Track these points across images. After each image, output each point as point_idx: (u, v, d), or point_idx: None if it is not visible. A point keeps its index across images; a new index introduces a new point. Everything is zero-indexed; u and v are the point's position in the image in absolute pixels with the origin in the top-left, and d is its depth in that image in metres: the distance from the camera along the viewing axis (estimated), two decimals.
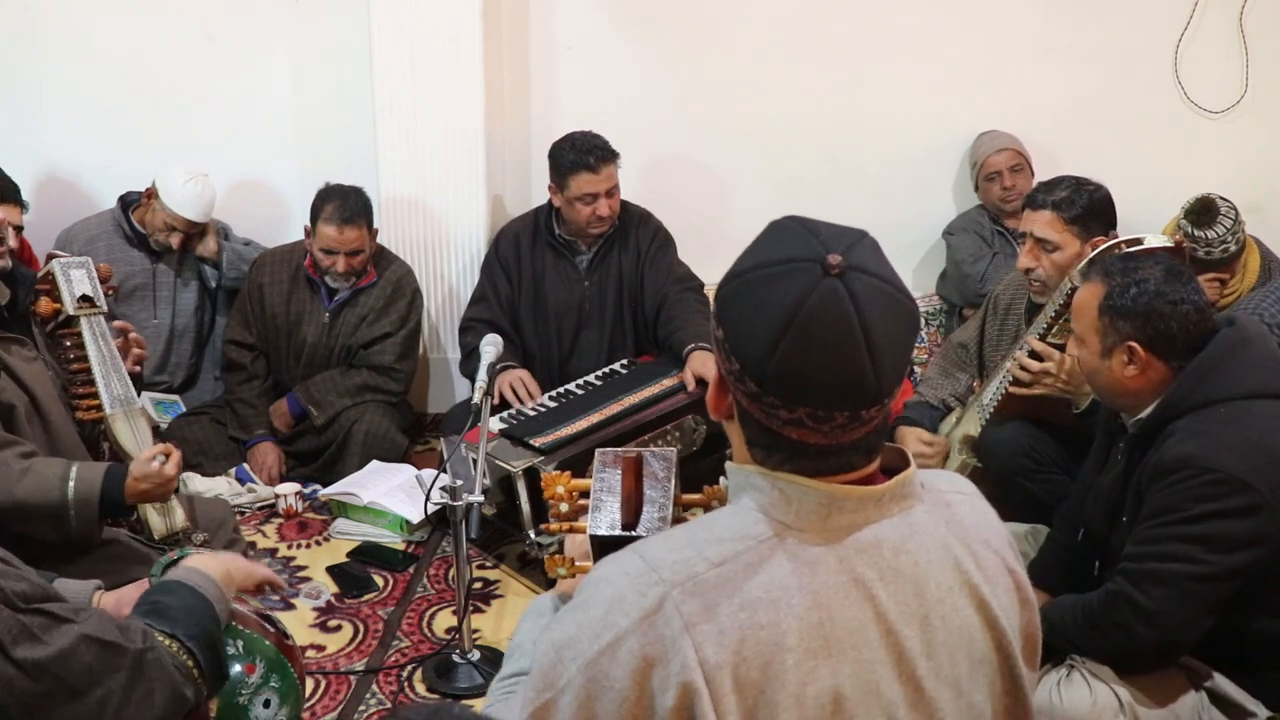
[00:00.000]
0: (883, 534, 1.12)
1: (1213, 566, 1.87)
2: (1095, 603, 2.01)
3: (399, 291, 3.58)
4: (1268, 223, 3.75)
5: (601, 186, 3.40)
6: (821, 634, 1.07)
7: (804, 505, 1.10)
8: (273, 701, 1.76)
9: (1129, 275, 2.02)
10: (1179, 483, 1.90)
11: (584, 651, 1.07)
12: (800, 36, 3.95)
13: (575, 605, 1.12)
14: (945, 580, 1.13)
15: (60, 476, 2.24)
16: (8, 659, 1.37)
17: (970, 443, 2.88)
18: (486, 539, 3.09)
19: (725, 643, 1.04)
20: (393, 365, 3.55)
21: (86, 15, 3.74)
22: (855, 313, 1.04)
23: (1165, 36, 3.98)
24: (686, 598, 1.05)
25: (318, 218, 3.41)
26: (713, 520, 1.14)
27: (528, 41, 3.89)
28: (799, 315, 1.04)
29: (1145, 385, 2.03)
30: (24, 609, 1.41)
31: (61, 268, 2.58)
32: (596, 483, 1.48)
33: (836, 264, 1.05)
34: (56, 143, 3.83)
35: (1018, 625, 1.19)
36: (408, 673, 2.60)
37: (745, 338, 1.08)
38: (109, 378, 2.54)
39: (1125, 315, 2.01)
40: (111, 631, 1.48)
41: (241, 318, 3.59)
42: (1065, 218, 2.69)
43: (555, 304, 3.56)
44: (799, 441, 1.09)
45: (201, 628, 1.62)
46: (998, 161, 3.86)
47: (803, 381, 1.06)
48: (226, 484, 3.36)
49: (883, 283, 1.07)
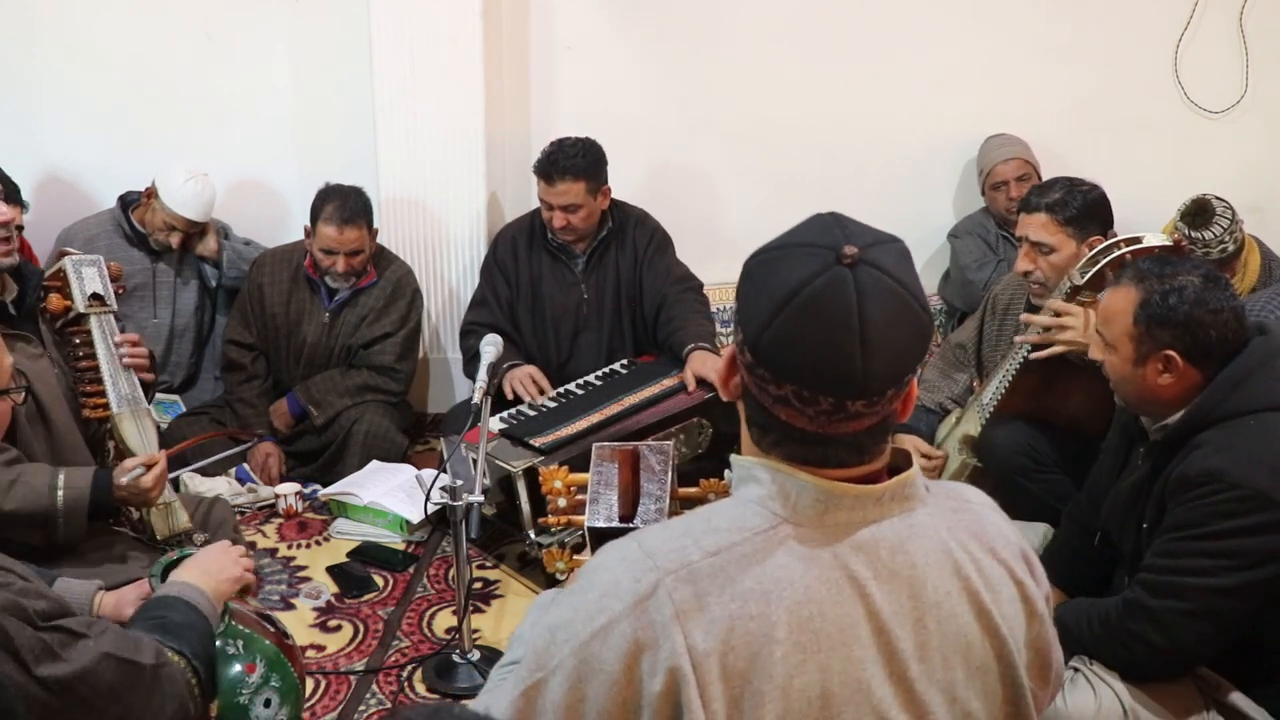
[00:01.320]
0: (880, 534, 1.12)
1: (1235, 581, 1.85)
2: (1112, 611, 1.99)
3: (399, 292, 3.58)
4: (1267, 223, 3.75)
5: (554, 199, 3.38)
6: (811, 629, 1.07)
7: (802, 500, 1.10)
8: (273, 701, 1.77)
9: (1166, 281, 1.95)
10: (1205, 497, 1.87)
11: (577, 634, 1.09)
12: (800, 36, 3.95)
13: (572, 589, 1.14)
14: (943, 584, 1.13)
15: (49, 485, 2.23)
16: (31, 677, 1.38)
17: (970, 443, 2.88)
18: (486, 539, 3.09)
19: (714, 631, 1.05)
20: (393, 365, 3.55)
21: (86, 15, 3.74)
22: (855, 303, 1.05)
23: (1165, 36, 3.98)
24: (679, 585, 1.07)
25: (318, 218, 3.41)
26: (712, 511, 1.15)
27: (528, 41, 3.89)
28: (801, 293, 1.07)
29: (1177, 394, 1.98)
30: (44, 626, 1.43)
31: (73, 265, 2.58)
32: (594, 476, 1.49)
33: (850, 254, 1.07)
34: (56, 143, 3.83)
35: (1023, 637, 1.18)
36: (408, 673, 2.60)
37: (750, 308, 1.11)
38: (117, 377, 2.54)
39: (1164, 323, 1.94)
40: (129, 648, 1.51)
41: (241, 317, 3.59)
42: (1059, 219, 2.68)
43: (552, 307, 3.56)
44: (787, 424, 1.11)
45: (203, 646, 1.66)
46: (1004, 171, 3.84)
47: (790, 357, 1.07)
48: (226, 484, 3.36)
49: (896, 284, 1.08)
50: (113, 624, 1.57)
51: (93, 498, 2.27)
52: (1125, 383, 2.05)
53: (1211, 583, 1.86)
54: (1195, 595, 1.88)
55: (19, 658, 1.37)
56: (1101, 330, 2.08)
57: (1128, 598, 1.97)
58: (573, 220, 3.42)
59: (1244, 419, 1.91)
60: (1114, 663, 1.99)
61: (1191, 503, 1.89)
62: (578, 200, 3.38)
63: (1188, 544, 1.89)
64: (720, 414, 3.31)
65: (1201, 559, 1.87)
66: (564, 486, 1.60)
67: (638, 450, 1.48)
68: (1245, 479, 1.84)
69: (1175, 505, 1.93)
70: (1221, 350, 1.95)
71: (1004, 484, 2.74)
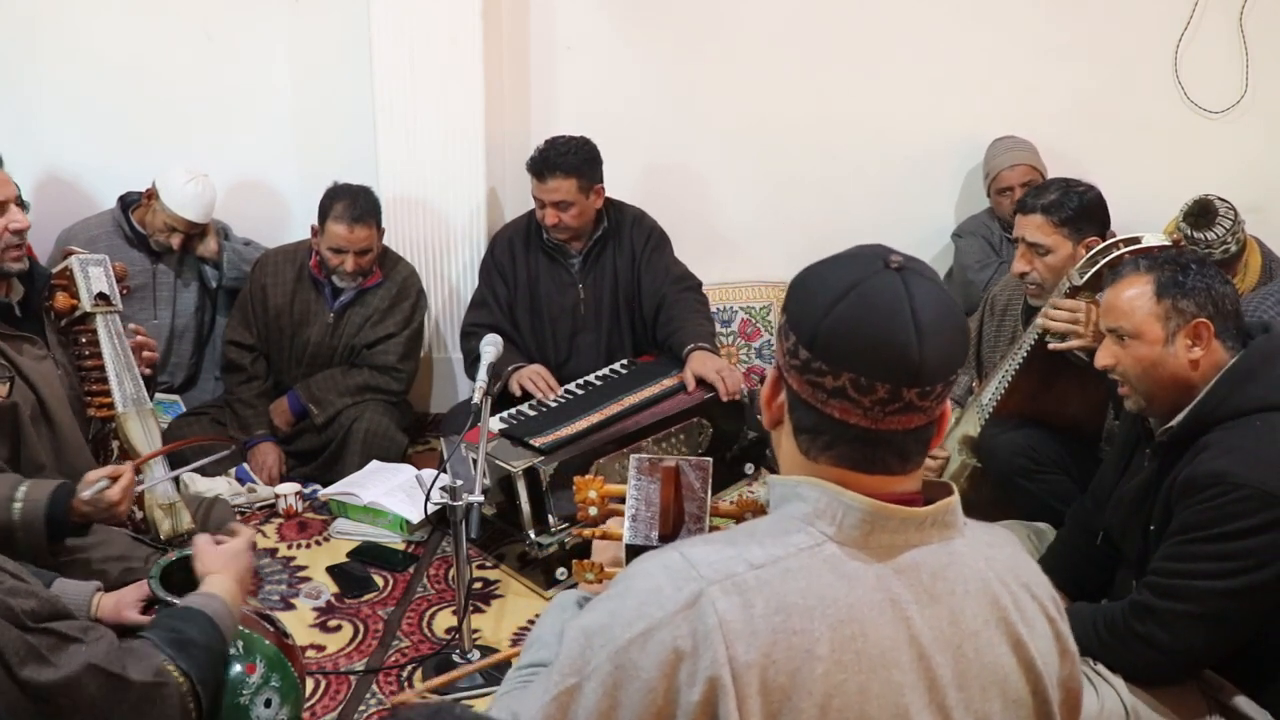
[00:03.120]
0: (922, 558, 1.12)
1: (1243, 583, 1.84)
2: (1118, 614, 1.98)
3: (404, 293, 3.58)
4: (1268, 223, 3.75)
5: (546, 196, 3.40)
6: (854, 648, 1.06)
7: (848, 519, 1.10)
8: (274, 701, 1.77)
9: (1175, 262, 2.02)
10: (1212, 499, 1.86)
11: (615, 639, 1.08)
12: (800, 37, 3.94)
13: (610, 595, 1.13)
14: (981, 613, 1.13)
15: (7, 497, 2.12)
16: (13, 679, 1.36)
17: (970, 443, 2.88)
18: (486, 539, 3.08)
19: (756, 643, 1.04)
20: (395, 365, 3.56)
21: (86, 15, 3.74)
22: (907, 297, 1.10)
23: (1165, 36, 3.97)
24: (722, 595, 1.06)
25: (326, 216, 3.40)
26: (755, 526, 1.15)
27: (528, 41, 3.89)
28: (856, 288, 1.10)
29: (1202, 373, 1.98)
30: (33, 628, 1.39)
31: (80, 264, 2.58)
32: (633, 490, 1.47)
33: (896, 261, 1.13)
34: (56, 143, 3.84)
35: (1056, 675, 1.18)
36: (408, 673, 2.61)
37: (804, 306, 1.13)
38: (122, 376, 2.54)
39: (1189, 294, 1.97)
40: (118, 662, 1.46)
41: (242, 317, 3.59)
42: (1054, 221, 2.68)
43: (550, 307, 3.56)
44: (841, 421, 1.11)
45: (213, 671, 1.62)
46: (1010, 177, 3.81)
47: (848, 343, 1.09)
48: (226, 484, 3.35)
49: (940, 291, 1.14)
50: (110, 633, 1.53)
51: (49, 513, 2.13)
52: (1155, 368, 2.01)
53: (1219, 585, 1.86)
54: (1203, 598, 1.87)
55: (2, 658, 1.35)
56: (1117, 325, 2.05)
57: (1134, 600, 1.97)
58: (564, 218, 3.42)
59: (1249, 419, 1.91)
60: (1119, 666, 1.99)
61: (1199, 505, 1.88)
62: (569, 197, 3.39)
63: (1196, 547, 1.88)
64: (720, 414, 3.31)
65: (1209, 562, 1.87)
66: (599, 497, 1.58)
67: (679, 466, 1.46)
68: (1252, 480, 1.84)
69: (1182, 508, 1.92)
70: (1237, 324, 1.98)
71: (1004, 484, 2.75)
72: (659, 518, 1.44)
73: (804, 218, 4.05)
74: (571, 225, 3.45)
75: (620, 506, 1.53)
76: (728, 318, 4.04)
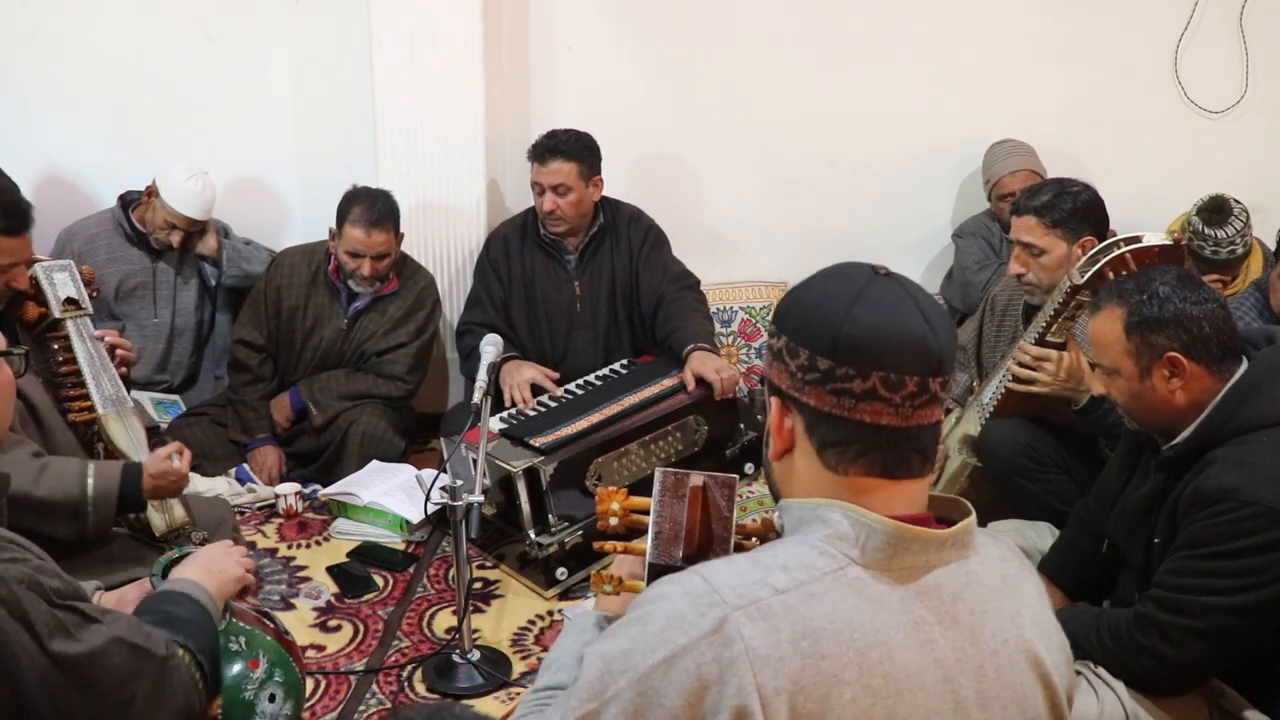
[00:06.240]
0: (942, 579, 1.12)
1: (1247, 600, 1.84)
2: (1122, 624, 1.98)
3: (419, 303, 3.56)
4: (1268, 223, 3.75)
5: (545, 179, 3.42)
6: (881, 672, 1.06)
7: (872, 542, 1.10)
8: (277, 696, 1.76)
9: (1143, 290, 1.96)
10: (1219, 515, 1.85)
11: (637, 665, 1.06)
12: (800, 37, 3.95)
13: (630, 620, 1.11)
14: (1000, 632, 1.13)
15: (79, 473, 2.26)
16: (44, 651, 1.39)
17: (970, 442, 2.88)
18: (486, 539, 3.09)
19: (784, 670, 1.03)
20: (403, 375, 3.55)
21: (86, 15, 3.74)
22: (908, 294, 1.15)
23: (1165, 36, 3.98)
24: (747, 621, 1.05)
25: (345, 219, 3.39)
26: (776, 549, 1.13)
27: (528, 41, 3.89)
28: (863, 292, 1.14)
29: (1191, 399, 1.96)
30: (59, 604, 1.43)
31: (44, 271, 2.57)
32: (656, 506, 1.45)
33: (883, 269, 1.17)
34: (56, 143, 3.83)
35: (1067, 686, 1.19)
36: (408, 673, 2.60)
37: (813, 319, 1.14)
38: (99, 378, 2.53)
39: (1156, 327, 1.94)
40: (141, 636, 1.51)
41: (253, 316, 3.56)
42: (1047, 222, 2.69)
43: (546, 304, 3.56)
44: (872, 425, 1.11)
45: (207, 642, 1.66)
46: (1010, 184, 3.78)
47: (873, 342, 1.10)
48: (226, 484, 3.36)
49: (925, 290, 1.18)
50: (126, 614, 1.58)
51: (122, 488, 2.30)
52: (1137, 401, 2.01)
53: (1225, 601, 1.85)
54: (1207, 613, 1.87)
55: (34, 630, 1.38)
56: (1097, 361, 2.06)
57: (1139, 611, 1.96)
58: (562, 204, 3.42)
59: (1256, 434, 1.90)
60: (1122, 675, 1.98)
61: (1206, 520, 1.87)
62: (568, 181, 3.40)
63: (1201, 563, 1.88)
64: (714, 412, 3.31)
65: (1215, 578, 1.86)
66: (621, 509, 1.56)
67: (706, 486, 1.44)
68: (1259, 496, 1.82)
69: (1189, 522, 1.91)
70: (1220, 342, 1.94)
71: (1004, 484, 2.75)
72: (684, 537, 1.42)
73: (804, 218, 4.06)
74: (568, 214, 3.45)
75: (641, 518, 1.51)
76: (728, 318, 4.04)
